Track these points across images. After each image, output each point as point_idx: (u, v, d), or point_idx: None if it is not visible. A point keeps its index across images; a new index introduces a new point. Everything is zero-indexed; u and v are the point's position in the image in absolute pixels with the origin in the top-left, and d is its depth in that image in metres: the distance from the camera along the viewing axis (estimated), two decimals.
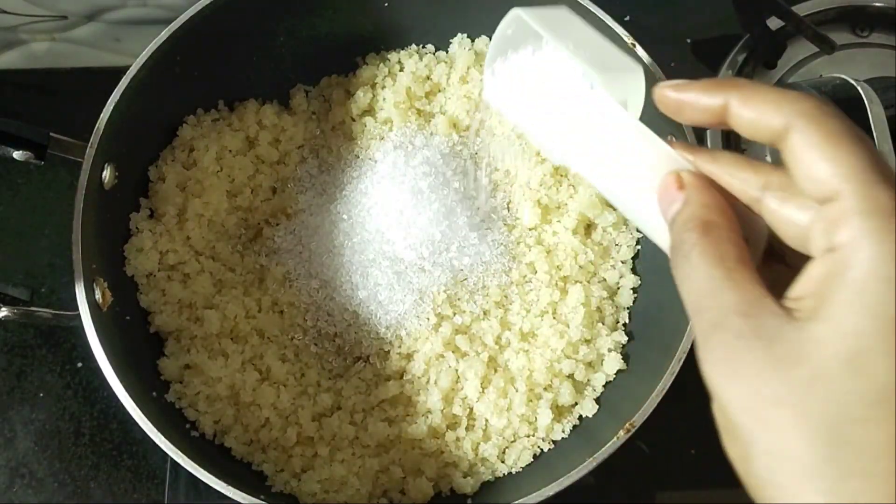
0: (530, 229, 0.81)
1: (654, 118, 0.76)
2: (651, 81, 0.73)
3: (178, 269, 0.79)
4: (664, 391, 0.65)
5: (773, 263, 0.36)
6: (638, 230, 0.81)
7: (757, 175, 0.35)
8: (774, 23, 0.93)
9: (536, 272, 0.80)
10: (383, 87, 0.87)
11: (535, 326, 0.78)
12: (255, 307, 0.79)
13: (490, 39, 0.86)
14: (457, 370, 0.77)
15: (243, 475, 0.73)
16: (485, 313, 0.79)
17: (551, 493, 0.64)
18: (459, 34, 0.87)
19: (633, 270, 0.81)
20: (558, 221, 0.81)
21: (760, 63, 0.96)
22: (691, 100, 0.38)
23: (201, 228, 0.80)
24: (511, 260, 0.80)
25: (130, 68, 0.74)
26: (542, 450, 0.75)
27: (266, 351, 0.77)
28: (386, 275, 0.78)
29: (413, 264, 0.78)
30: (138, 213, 0.80)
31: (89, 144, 0.71)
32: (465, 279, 0.79)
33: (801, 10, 0.95)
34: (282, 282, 0.81)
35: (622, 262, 0.81)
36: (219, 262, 0.81)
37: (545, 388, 0.76)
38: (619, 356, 0.76)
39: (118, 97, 0.72)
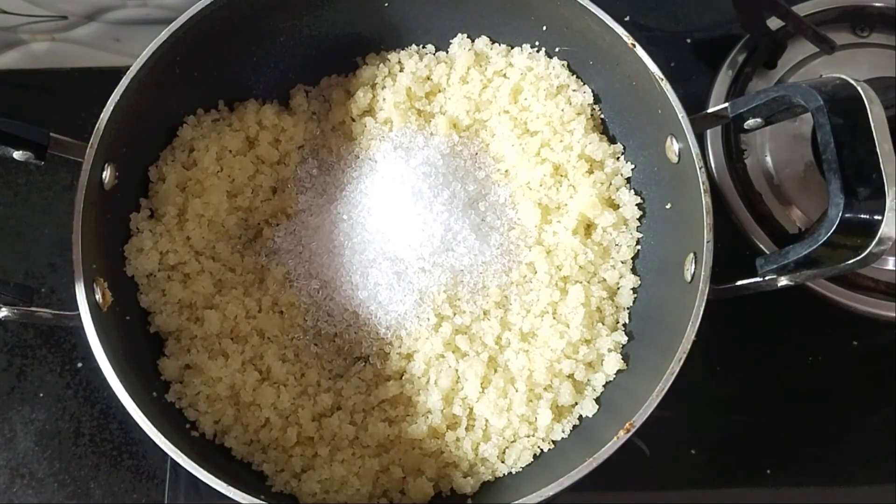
0: (530, 229, 0.81)
1: (653, 118, 0.77)
2: (651, 81, 0.74)
3: (179, 269, 0.79)
4: (664, 391, 0.65)
5: None
6: (638, 230, 0.81)
7: None
8: (774, 23, 0.93)
9: (536, 272, 0.80)
10: (383, 88, 0.87)
11: (535, 327, 0.78)
12: (255, 307, 0.79)
13: (490, 39, 0.87)
14: (457, 370, 0.77)
15: (243, 475, 0.73)
16: (485, 313, 0.79)
17: (551, 493, 0.64)
18: (459, 34, 0.87)
19: (633, 271, 0.81)
20: (558, 221, 0.81)
21: (760, 63, 0.96)
22: None
23: (201, 229, 0.80)
24: (511, 260, 0.80)
25: (130, 68, 0.74)
26: (542, 450, 0.75)
27: (266, 351, 0.77)
28: (386, 275, 0.78)
29: (413, 264, 0.78)
30: (138, 213, 0.80)
31: (89, 144, 0.71)
32: (465, 279, 0.79)
33: (801, 10, 0.95)
34: (282, 282, 0.81)
35: (622, 263, 0.81)
36: (219, 263, 0.81)
37: (545, 389, 0.76)
38: (619, 356, 0.76)
39: (118, 97, 0.72)
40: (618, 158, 0.83)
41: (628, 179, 0.83)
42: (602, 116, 0.85)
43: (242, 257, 0.82)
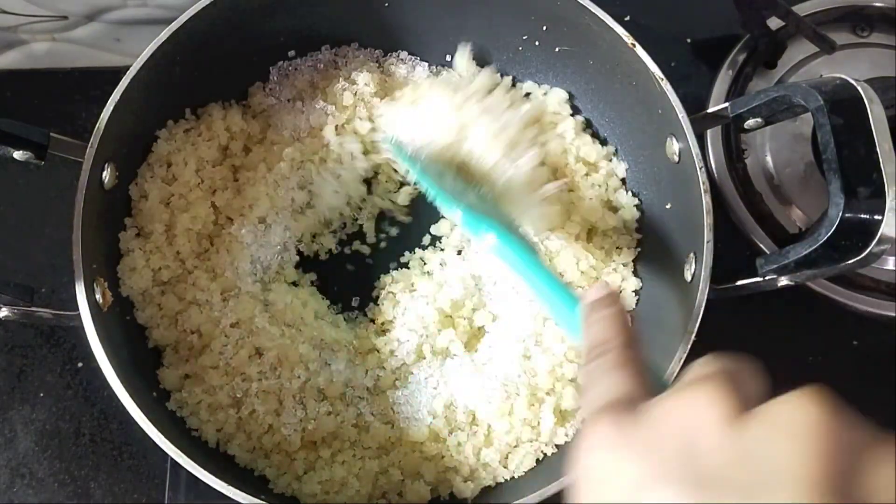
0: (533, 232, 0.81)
1: (653, 118, 0.77)
2: (651, 81, 0.74)
3: (172, 283, 0.78)
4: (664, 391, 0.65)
5: None
6: (638, 230, 0.81)
7: None
8: (774, 23, 0.93)
9: None
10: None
11: (538, 331, 0.78)
12: None
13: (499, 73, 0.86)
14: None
15: (244, 475, 0.73)
16: None
17: (551, 492, 0.64)
18: (460, 46, 0.86)
19: (634, 272, 0.81)
20: (560, 226, 0.81)
21: (760, 63, 0.96)
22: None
23: (191, 242, 0.79)
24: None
25: (130, 68, 0.73)
26: (545, 454, 0.75)
27: None
28: None
29: None
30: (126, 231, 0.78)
31: (89, 144, 0.71)
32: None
33: (801, 10, 0.95)
34: None
35: (623, 266, 0.81)
36: None
37: (547, 393, 0.75)
38: None
39: (118, 97, 0.72)
40: (610, 160, 0.83)
41: (624, 181, 0.83)
42: (600, 116, 0.85)
43: None
